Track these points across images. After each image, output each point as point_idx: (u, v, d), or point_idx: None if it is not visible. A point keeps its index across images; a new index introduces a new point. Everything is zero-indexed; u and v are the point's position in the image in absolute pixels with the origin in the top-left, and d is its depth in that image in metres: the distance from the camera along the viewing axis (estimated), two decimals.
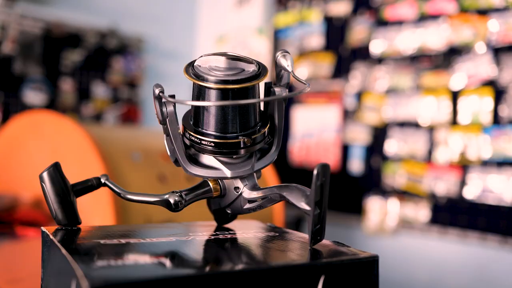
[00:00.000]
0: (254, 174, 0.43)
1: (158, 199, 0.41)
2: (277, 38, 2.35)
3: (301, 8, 2.27)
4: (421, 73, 1.87)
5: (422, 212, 1.84)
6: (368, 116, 2.01)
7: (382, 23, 1.99)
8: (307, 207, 0.35)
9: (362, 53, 2.04)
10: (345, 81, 2.10)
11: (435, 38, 1.84)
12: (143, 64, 2.47)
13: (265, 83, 0.42)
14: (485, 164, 1.70)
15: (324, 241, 0.39)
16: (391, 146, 1.94)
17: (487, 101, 1.70)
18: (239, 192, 0.42)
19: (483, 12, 1.73)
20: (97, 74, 2.34)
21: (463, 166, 1.75)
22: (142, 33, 2.46)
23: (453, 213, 1.77)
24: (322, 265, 0.33)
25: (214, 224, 0.48)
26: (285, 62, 0.42)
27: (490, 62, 1.70)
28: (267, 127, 0.42)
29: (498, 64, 1.69)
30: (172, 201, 0.41)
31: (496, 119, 1.69)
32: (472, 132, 1.73)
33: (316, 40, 2.21)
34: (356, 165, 2.04)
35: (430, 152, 1.85)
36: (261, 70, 0.40)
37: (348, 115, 2.09)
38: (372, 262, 0.35)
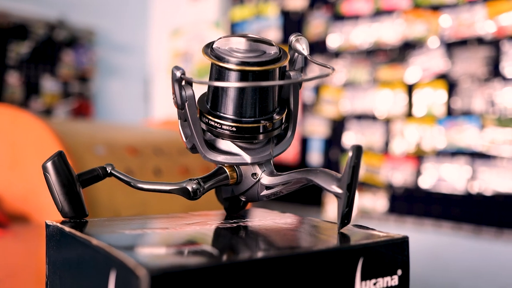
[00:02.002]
0: (271, 160, 0.42)
1: (175, 187, 0.39)
2: (234, 31, 2.34)
3: (258, 2, 2.27)
4: (377, 66, 1.92)
5: (380, 202, 1.89)
6: (326, 109, 2.04)
7: (338, 17, 2.03)
8: (339, 190, 0.35)
9: (319, 47, 2.06)
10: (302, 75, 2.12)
11: (390, 32, 1.89)
12: (95, 57, 2.39)
13: (279, 67, 0.41)
14: (439, 154, 1.77)
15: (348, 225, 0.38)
16: (349, 139, 1.98)
17: (441, 93, 1.77)
18: (257, 179, 0.41)
19: (436, 8, 1.79)
20: (46, 68, 2.23)
21: (419, 156, 1.82)
22: (93, 25, 2.38)
23: (410, 202, 1.84)
24: (361, 248, 0.33)
25: (218, 213, 0.47)
26: (300, 46, 0.41)
27: (443, 56, 1.77)
28: (285, 112, 0.41)
29: (450, 58, 1.76)
30: (190, 188, 0.39)
31: (449, 111, 1.76)
32: (426, 124, 1.80)
33: (273, 33, 2.21)
34: (315, 158, 2.07)
35: (387, 144, 1.90)
36: (282, 53, 0.39)
37: (306, 109, 2.11)
38: (404, 243, 0.35)
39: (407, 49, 1.85)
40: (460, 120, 1.73)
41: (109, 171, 0.42)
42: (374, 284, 0.33)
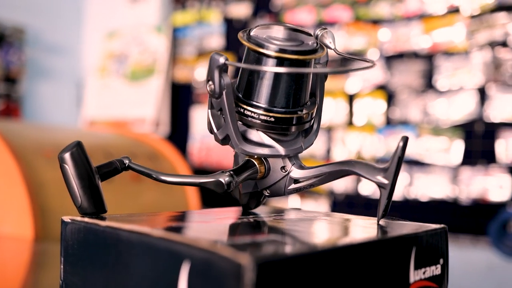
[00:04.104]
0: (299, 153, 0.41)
1: (207, 180, 0.37)
2: (176, 37, 2.30)
3: (200, 8, 2.25)
4: None
5: (321, 209, 1.93)
6: None
7: None
8: (384, 180, 0.35)
9: None
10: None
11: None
12: (24, 58, 2.24)
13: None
14: (378, 162, 1.84)
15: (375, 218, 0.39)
16: None
17: (380, 103, 1.85)
18: (287, 172, 0.40)
19: (375, 22, 1.88)
20: None
21: None
22: (23, 23, 2.24)
23: (350, 208, 1.89)
24: (414, 237, 0.33)
25: (235, 209, 0.45)
26: (327, 40, 0.41)
27: (382, 68, 1.85)
28: (317, 104, 0.41)
29: (389, 70, 1.85)
30: (224, 181, 0.37)
31: (388, 120, 1.84)
32: (367, 132, 1.87)
33: (216, 40, 2.20)
34: None
35: (328, 151, 1.95)
36: (319, 45, 0.39)
37: None
38: (444, 232, 0.36)
39: (348, 60, 1.92)
40: (398, 129, 1.82)
41: (126, 164, 0.39)
42: (424, 273, 0.34)
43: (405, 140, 0.35)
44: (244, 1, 2.14)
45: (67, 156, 0.36)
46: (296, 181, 0.40)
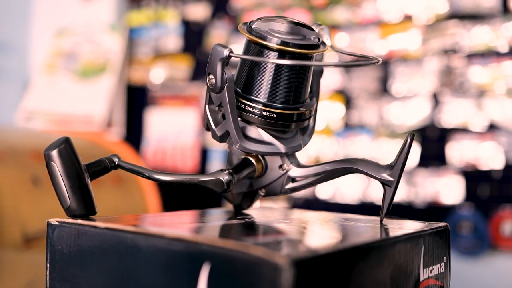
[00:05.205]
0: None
1: (205, 178, 0.36)
2: (131, 37, 2.24)
3: (156, 8, 2.21)
4: None
5: None
6: None
7: None
8: (390, 178, 0.34)
9: None
10: (203, 85, 2.10)
11: None
12: None
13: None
14: None
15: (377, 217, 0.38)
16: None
17: (339, 107, 1.87)
18: (285, 171, 0.39)
19: (333, 27, 1.90)
20: None
21: None
22: None
23: None
24: (423, 235, 0.33)
25: (227, 211, 0.43)
26: (324, 36, 0.41)
27: (340, 73, 1.88)
28: (317, 101, 0.40)
29: (347, 74, 1.87)
30: (224, 180, 0.35)
31: (346, 124, 1.87)
32: (326, 136, 1.89)
33: (173, 42, 2.16)
34: (215, 168, 2.05)
35: None
36: (321, 40, 0.38)
37: None
38: (446, 230, 0.36)
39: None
40: (356, 133, 1.85)
41: (116, 163, 0.37)
42: (431, 271, 0.33)
43: (412, 136, 0.34)
44: (202, 2, 2.12)
45: (54, 153, 0.33)
46: (293, 180, 0.39)
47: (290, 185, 0.39)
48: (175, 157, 2.09)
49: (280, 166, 0.39)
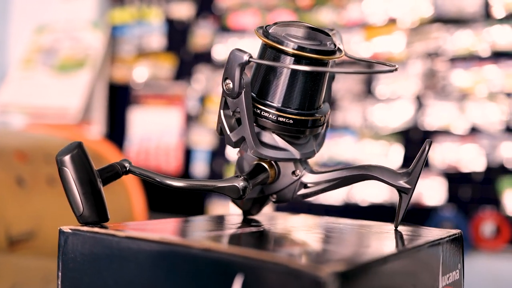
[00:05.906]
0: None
1: (221, 185, 0.35)
2: (114, 35, 2.21)
3: (140, 6, 2.18)
4: None
5: (265, 215, 1.93)
6: (211, 120, 2.03)
7: (225, 29, 2.04)
8: (407, 185, 0.34)
9: (205, 58, 2.05)
10: (187, 85, 2.09)
11: None
12: None
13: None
14: (321, 166, 1.88)
15: (390, 224, 0.38)
16: (233, 151, 1.99)
17: None
18: (298, 177, 0.38)
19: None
20: None
21: None
22: None
23: (295, 213, 1.90)
24: (443, 242, 0.33)
25: (238, 217, 0.43)
26: (336, 41, 0.40)
27: None
28: (329, 107, 0.40)
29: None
30: (240, 186, 0.35)
31: (331, 125, 1.87)
32: None
33: (157, 40, 2.14)
34: (199, 169, 2.04)
35: None
36: (337, 46, 0.38)
37: (191, 119, 2.08)
38: (461, 237, 0.36)
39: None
40: (340, 134, 1.86)
41: (127, 168, 0.36)
42: (448, 278, 0.33)
43: (430, 144, 0.34)
44: (186, 1, 2.10)
45: (67, 158, 0.32)
46: (305, 186, 0.39)
47: (302, 191, 0.39)
48: (158, 157, 2.07)
49: (293, 172, 0.38)
